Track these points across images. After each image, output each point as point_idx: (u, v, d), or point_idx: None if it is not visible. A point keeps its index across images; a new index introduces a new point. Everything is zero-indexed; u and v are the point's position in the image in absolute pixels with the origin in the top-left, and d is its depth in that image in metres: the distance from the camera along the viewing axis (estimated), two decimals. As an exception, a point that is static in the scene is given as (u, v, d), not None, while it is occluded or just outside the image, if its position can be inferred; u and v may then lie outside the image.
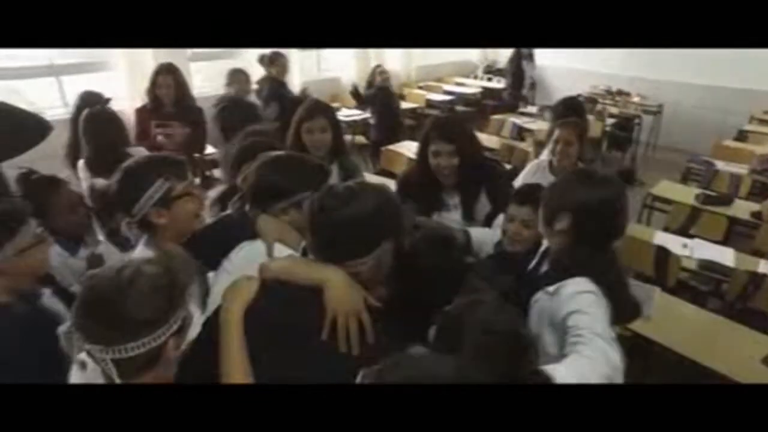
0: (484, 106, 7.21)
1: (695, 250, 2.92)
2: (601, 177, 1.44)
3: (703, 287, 2.86)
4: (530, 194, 1.70)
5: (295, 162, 1.52)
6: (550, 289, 1.32)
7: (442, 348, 1.02)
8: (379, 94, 5.29)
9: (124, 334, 0.91)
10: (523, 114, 5.76)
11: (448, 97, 6.78)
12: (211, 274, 1.44)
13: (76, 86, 4.00)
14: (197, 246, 1.42)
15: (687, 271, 2.83)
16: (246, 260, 1.32)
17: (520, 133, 5.13)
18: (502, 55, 8.35)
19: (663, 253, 2.81)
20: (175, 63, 3.70)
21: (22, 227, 1.33)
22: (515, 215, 1.73)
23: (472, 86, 7.57)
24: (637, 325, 2.23)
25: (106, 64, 4.49)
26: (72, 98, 3.44)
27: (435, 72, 7.73)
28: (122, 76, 4.46)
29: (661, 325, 2.22)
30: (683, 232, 3.37)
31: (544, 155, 2.82)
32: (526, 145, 4.59)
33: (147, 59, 4.46)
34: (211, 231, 1.48)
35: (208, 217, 1.65)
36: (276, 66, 4.52)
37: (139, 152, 2.81)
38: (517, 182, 2.62)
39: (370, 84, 5.51)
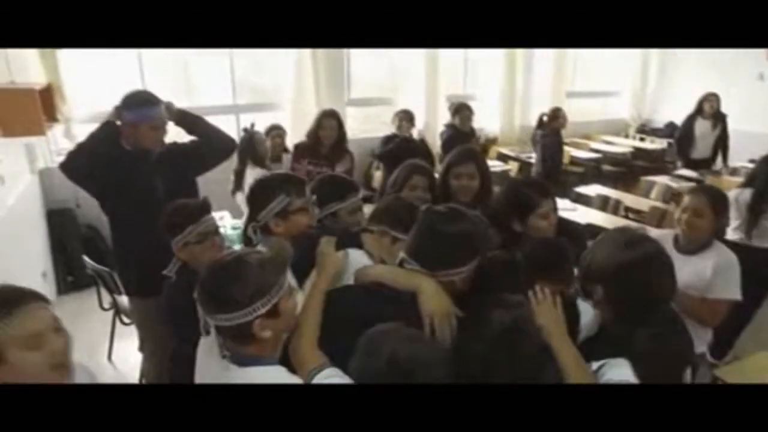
0: (632, 166, 6.78)
1: None
2: (631, 237, 1.34)
3: None
4: (543, 269, 1.45)
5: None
6: (594, 366, 1.22)
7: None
8: (554, 139, 5.35)
9: (218, 307, 1.09)
10: (678, 177, 5.30)
11: (593, 155, 6.51)
12: None
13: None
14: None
15: None
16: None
17: (675, 196, 4.73)
18: (659, 114, 7.85)
19: None
20: (334, 107, 4.10)
21: (195, 223, 1.73)
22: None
23: (622, 145, 7.18)
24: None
25: (276, 105, 5.12)
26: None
27: (583, 128, 7.49)
28: (287, 115, 5.04)
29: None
30: None
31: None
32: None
33: (309, 103, 5.02)
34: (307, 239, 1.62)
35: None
36: (459, 116, 4.80)
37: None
38: None
39: (540, 124, 5.49)
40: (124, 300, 2.85)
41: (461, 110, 4.81)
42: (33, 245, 3.61)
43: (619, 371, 1.17)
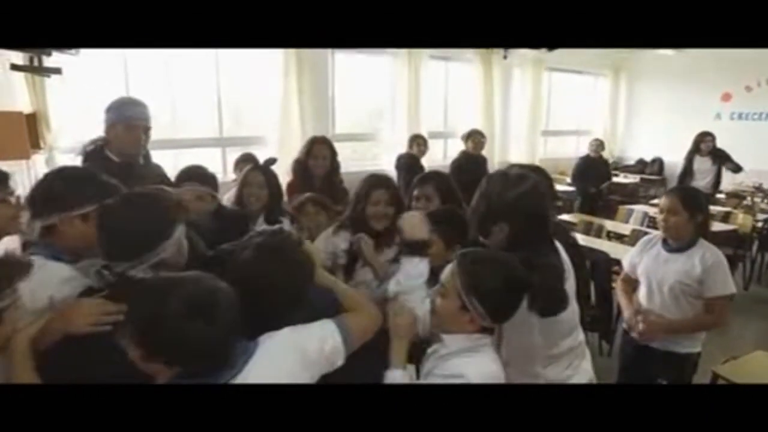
0: (609, 200, 7.06)
1: None
2: (516, 175, 1.45)
3: None
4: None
5: None
6: None
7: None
8: (592, 164, 6.18)
9: None
10: (654, 205, 5.52)
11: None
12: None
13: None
14: None
15: None
16: None
17: (652, 221, 4.95)
18: (629, 152, 8.21)
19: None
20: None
21: None
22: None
23: (598, 181, 7.47)
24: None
25: (262, 139, 5.17)
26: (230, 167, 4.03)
27: (559, 165, 7.76)
28: (274, 150, 5.08)
29: None
30: None
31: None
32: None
33: (295, 137, 5.09)
34: None
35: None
36: (470, 140, 5.00)
37: None
38: (625, 259, 2.47)
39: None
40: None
41: (473, 135, 4.95)
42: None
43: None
